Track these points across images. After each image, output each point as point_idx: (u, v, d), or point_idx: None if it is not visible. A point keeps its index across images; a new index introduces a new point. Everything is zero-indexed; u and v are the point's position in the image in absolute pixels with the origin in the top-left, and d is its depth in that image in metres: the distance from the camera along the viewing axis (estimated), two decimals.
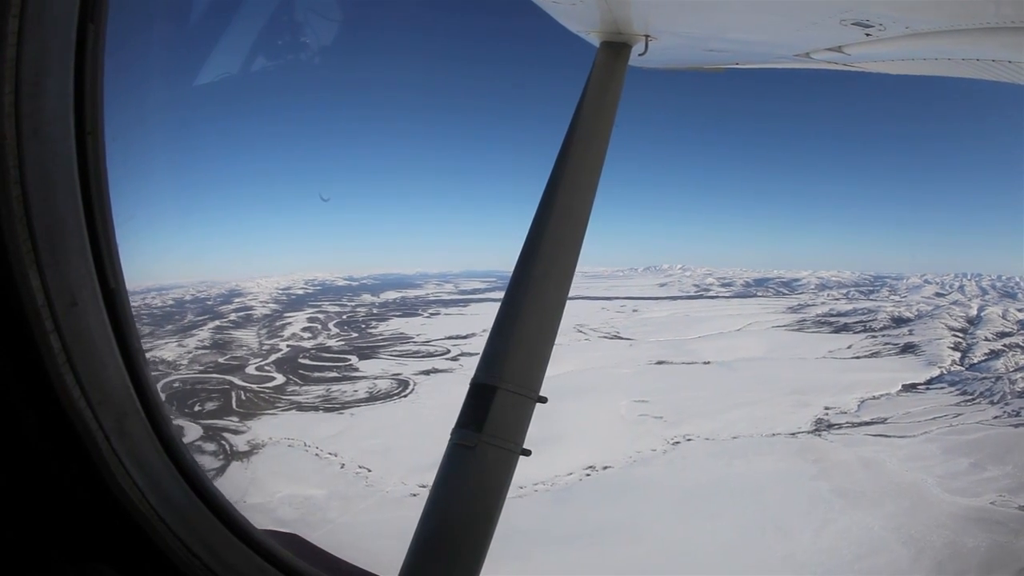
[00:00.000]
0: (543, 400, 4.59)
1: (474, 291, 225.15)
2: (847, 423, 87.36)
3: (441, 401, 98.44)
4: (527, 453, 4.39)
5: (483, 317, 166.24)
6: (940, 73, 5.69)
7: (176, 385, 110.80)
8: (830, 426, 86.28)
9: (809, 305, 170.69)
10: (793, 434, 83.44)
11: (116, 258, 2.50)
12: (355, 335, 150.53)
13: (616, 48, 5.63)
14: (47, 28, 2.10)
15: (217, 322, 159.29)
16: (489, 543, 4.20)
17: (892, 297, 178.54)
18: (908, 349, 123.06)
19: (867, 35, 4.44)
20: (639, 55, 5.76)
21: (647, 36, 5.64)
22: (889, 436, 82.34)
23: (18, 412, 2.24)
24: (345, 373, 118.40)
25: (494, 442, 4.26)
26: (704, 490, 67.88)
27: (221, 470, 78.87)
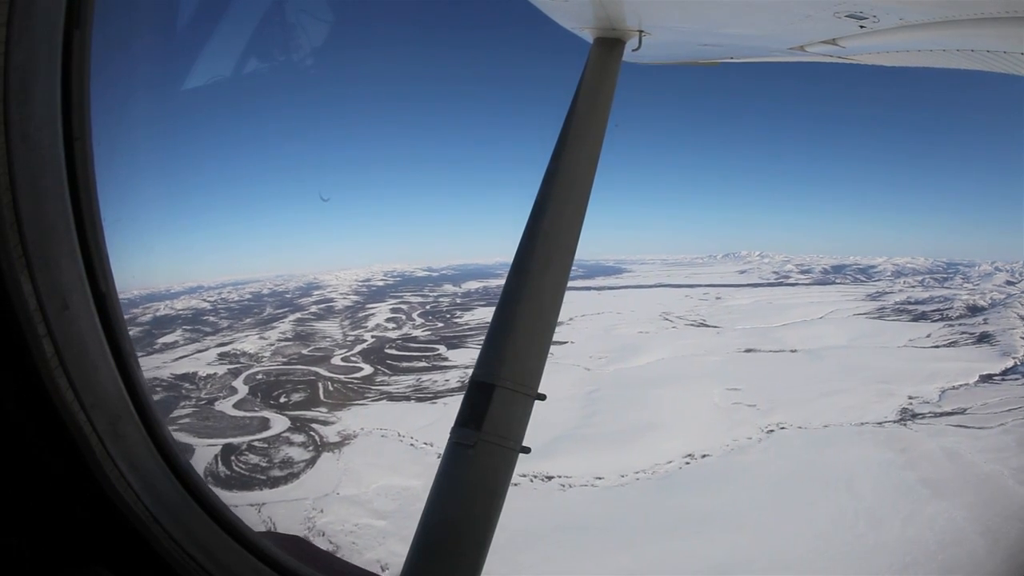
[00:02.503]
0: (542, 397, 4.58)
1: None
2: (930, 413, 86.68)
3: None
4: (526, 451, 4.39)
5: (568, 306, 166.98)
6: (935, 64, 5.63)
7: (259, 377, 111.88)
8: (914, 416, 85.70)
9: (887, 293, 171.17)
10: (880, 423, 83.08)
11: (106, 261, 2.52)
12: (441, 325, 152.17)
13: (610, 44, 5.60)
14: (34, 35, 2.12)
15: (298, 314, 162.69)
16: (490, 541, 4.21)
17: (966, 285, 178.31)
18: (984, 339, 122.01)
19: (861, 27, 4.40)
20: (633, 51, 5.71)
21: (641, 31, 5.59)
22: (968, 427, 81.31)
23: (12, 416, 2.26)
24: (434, 363, 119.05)
25: (493, 440, 4.24)
26: (799, 479, 68.01)
27: (311, 461, 79.40)
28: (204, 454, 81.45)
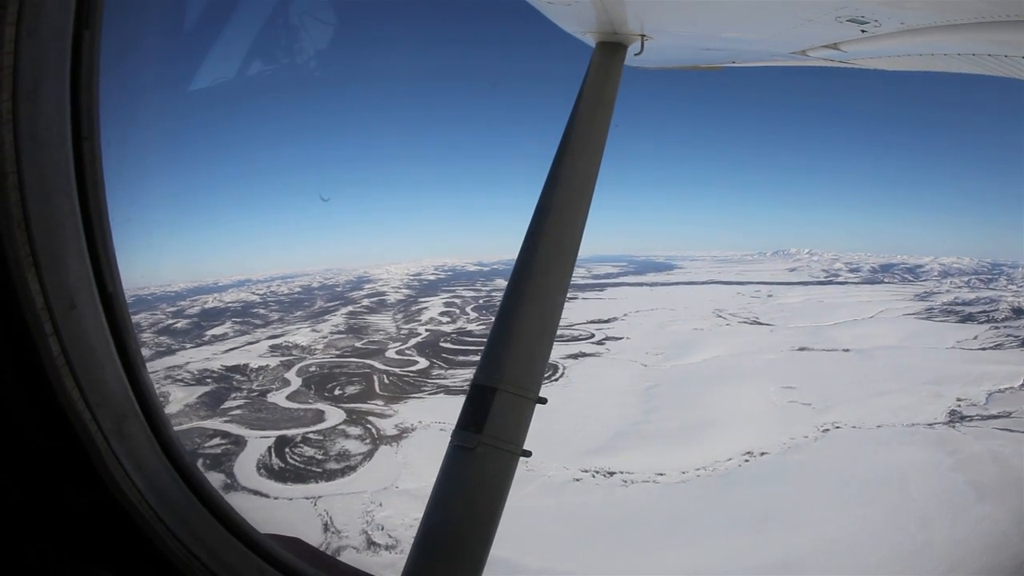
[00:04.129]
0: (543, 401, 4.57)
1: (607, 275, 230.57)
2: (977, 416, 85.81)
3: (594, 385, 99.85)
4: (527, 454, 4.38)
5: (621, 301, 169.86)
6: (937, 68, 5.62)
7: (312, 369, 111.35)
8: (963, 418, 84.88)
9: (935, 293, 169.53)
10: (930, 425, 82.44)
11: (114, 261, 2.52)
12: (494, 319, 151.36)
13: (612, 48, 5.62)
14: (43, 35, 2.12)
15: (350, 308, 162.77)
16: (490, 545, 4.18)
17: (1010, 287, 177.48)
18: None
19: (863, 31, 4.42)
20: (635, 55, 5.73)
21: (643, 36, 5.62)
22: (1014, 431, 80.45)
23: (18, 415, 2.26)
24: None
25: (494, 444, 4.24)
26: (854, 478, 67.74)
27: (368, 455, 78.91)
28: (257, 446, 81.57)
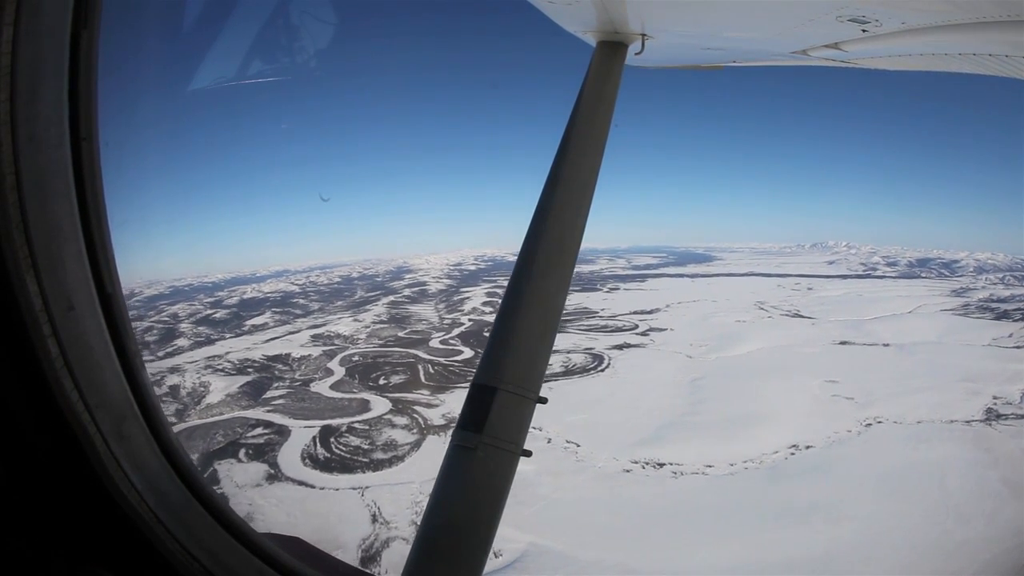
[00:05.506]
0: (543, 401, 4.61)
1: (647, 266, 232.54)
2: (1012, 414, 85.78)
3: (640, 376, 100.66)
4: (527, 454, 4.40)
5: (663, 293, 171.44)
6: (937, 68, 5.58)
7: (355, 359, 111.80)
8: (998, 416, 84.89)
9: (971, 289, 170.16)
10: (968, 422, 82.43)
11: (112, 262, 2.50)
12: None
13: (612, 48, 5.62)
14: (41, 35, 2.12)
15: (391, 297, 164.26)
16: (491, 544, 4.17)
17: None
18: None
19: (863, 31, 4.41)
20: (636, 54, 5.75)
21: (643, 35, 5.61)
22: None
23: (16, 416, 2.25)
24: None
25: (495, 443, 4.24)
26: (896, 473, 68.21)
27: (416, 444, 78.89)
28: (301, 436, 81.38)
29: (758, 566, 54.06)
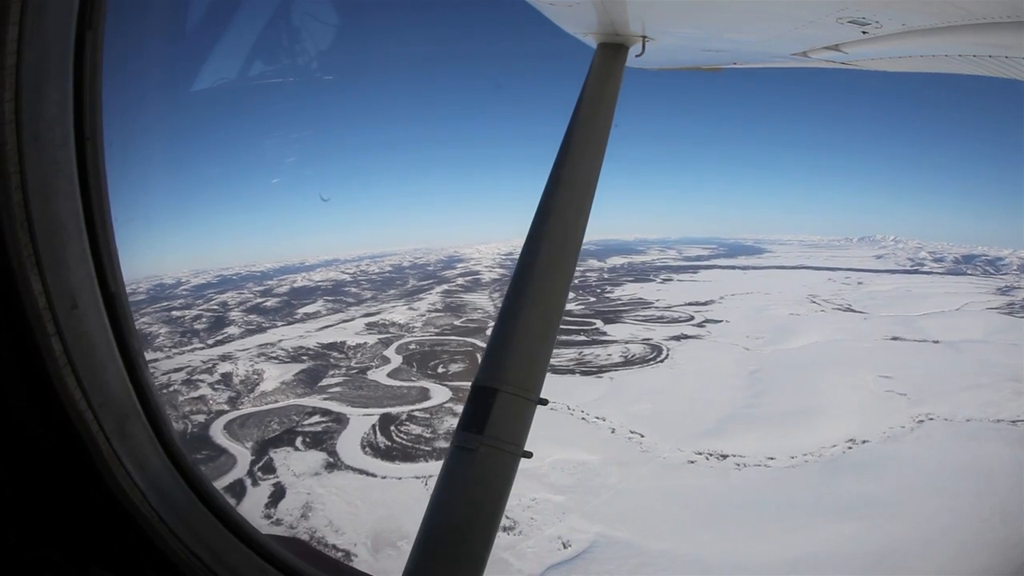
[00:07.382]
0: (543, 402, 4.58)
1: (699, 257, 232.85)
2: None
3: (699, 368, 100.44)
4: (528, 455, 4.38)
5: (717, 284, 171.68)
6: (938, 69, 5.56)
7: (412, 347, 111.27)
8: None
9: (1016, 288, 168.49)
10: (1014, 422, 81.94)
11: (116, 261, 2.51)
12: (593, 299, 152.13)
13: (613, 49, 5.61)
14: (46, 36, 2.13)
15: (444, 286, 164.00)
16: (491, 545, 4.14)
17: None
18: None
19: (864, 33, 4.40)
20: (636, 56, 5.74)
21: (644, 37, 5.62)
22: None
23: (20, 414, 2.26)
24: (594, 337, 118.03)
25: (495, 445, 4.24)
26: (948, 470, 68.28)
27: None
28: (360, 424, 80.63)
29: (816, 561, 54.28)
